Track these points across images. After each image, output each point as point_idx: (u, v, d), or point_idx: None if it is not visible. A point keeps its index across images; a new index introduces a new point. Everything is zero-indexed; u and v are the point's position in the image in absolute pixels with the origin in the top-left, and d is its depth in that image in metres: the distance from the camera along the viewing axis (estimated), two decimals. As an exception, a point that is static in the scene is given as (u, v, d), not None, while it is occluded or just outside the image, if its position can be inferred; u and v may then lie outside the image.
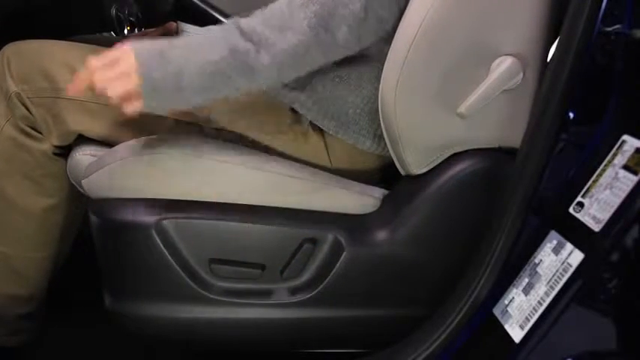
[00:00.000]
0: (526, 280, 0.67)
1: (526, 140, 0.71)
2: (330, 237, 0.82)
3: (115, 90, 0.72)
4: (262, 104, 0.91)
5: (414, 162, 0.83)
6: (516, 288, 0.68)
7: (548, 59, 0.77)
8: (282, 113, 0.91)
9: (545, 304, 0.63)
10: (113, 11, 1.15)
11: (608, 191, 0.61)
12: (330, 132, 0.90)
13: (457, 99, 0.77)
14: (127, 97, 0.73)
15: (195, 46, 0.75)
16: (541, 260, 0.66)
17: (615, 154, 0.62)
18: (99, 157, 0.86)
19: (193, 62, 0.73)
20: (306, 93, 0.90)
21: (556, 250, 0.65)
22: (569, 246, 0.63)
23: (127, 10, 1.17)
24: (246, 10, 0.79)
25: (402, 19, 0.81)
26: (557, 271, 0.63)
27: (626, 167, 0.60)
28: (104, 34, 1.20)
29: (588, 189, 0.64)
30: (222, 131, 0.90)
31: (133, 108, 0.73)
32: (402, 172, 0.88)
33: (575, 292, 0.61)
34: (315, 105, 0.89)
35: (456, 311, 0.72)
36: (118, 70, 0.72)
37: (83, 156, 0.89)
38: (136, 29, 1.22)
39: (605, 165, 0.63)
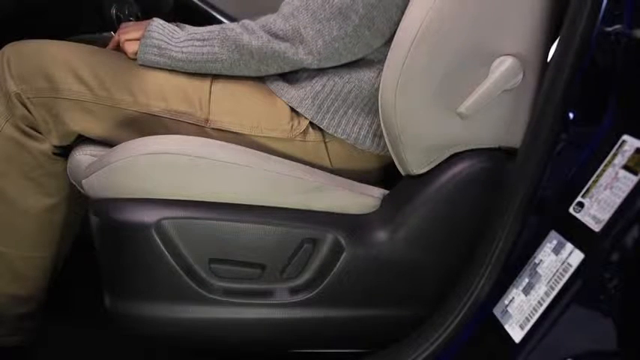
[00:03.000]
0: (526, 280, 0.67)
1: (526, 140, 0.71)
2: (330, 237, 0.82)
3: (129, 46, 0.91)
4: (262, 104, 0.91)
5: (414, 162, 0.83)
6: (516, 288, 0.68)
7: (549, 59, 0.77)
8: (281, 113, 0.91)
9: (545, 304, 0.63)
10: (113, 11, 1.15)
11: (608, 191, 0.61)
12: (330, 131, 0.90)
13: (457, 99, 0.77)
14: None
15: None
16: (541, 260, 0.66)
17: (615, 154, 0.62)
18: (99, 157, 0.86)
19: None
20: (306, 92, 0.90)
21: (556, 250, 0.65)
22: (569, 246, 0.63)
23: (127, 10, 1.17)
24: (247, 10, 0.79)
25: (402, 19, 0.82)
26: (557, 271, 0.63)
27: (626, 167, 0.60)
28: (104, 34, 1.20)
29: (588, 189, 0.64)
30: (222, 131, 0.90)
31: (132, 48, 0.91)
32: (402, 172, 0.88)
33: (575, 292, 0.61)
34: (315, 104, 0.90)
35: (456, 311, 0.72)
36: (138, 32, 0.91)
37: (83, 156, 0.89)
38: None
39: (605, 165, 0.63)
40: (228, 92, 0.91)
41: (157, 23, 0.91)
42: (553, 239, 0.66)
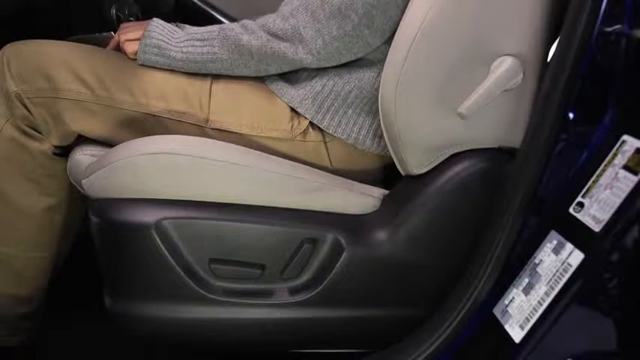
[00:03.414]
0: (526, 280, 0.67)
1: (526, 140, 0.71)
2: (330, 237, 0.82)
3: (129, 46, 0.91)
4: (262, 105, 0.91)
5: (414, 162, 0.83)
6: (516, 288, 0.68)
7: (549, 59, 0.77)
8: (282, 113, 0.91)
9: (545, 304, 0.63)
10: (113, 11, 1.15)
11: (608, 191, 0.61)
12: (330, 131, 0.90)
13: (457, 99, 0.77)
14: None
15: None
16: (541, 260, 0.66)
17: (615, 154, 0.62)
18: (99, 157, 0.86)
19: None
20: (306, 92, 0.90)
21: (556, 250, 0.65)
22: (569, 246, 0.63)
23: (127, 10, 1.17)
24: (247, 10, 0.79)
25: (402, 19, 0.82)
26: (557, 271, 0.63)
27: (626, 167, 0.60)
28: (104, 34, 1.20)
29: (588, 189, 0.64)
30: (222, 131, 0.90)
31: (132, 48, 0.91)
32: (402, 172, 0.88)
33: (575, 292, 0.61)
34: (315, 104, 0.90)
35: (456, 311, 0.72)
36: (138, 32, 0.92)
37: (83, 156, 0.89)
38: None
39: (605, 165, 0.63)
40: (228, 92, 0.91)
41: (157, 23, 0.91)
42: (553, 239, 0.66)
